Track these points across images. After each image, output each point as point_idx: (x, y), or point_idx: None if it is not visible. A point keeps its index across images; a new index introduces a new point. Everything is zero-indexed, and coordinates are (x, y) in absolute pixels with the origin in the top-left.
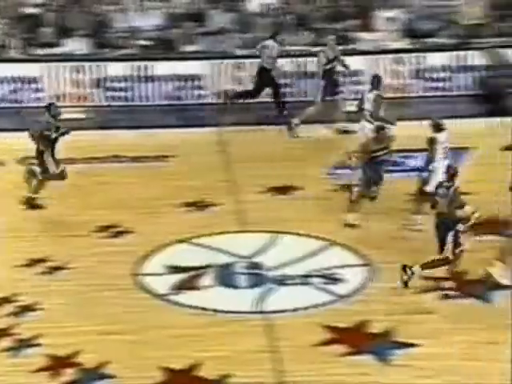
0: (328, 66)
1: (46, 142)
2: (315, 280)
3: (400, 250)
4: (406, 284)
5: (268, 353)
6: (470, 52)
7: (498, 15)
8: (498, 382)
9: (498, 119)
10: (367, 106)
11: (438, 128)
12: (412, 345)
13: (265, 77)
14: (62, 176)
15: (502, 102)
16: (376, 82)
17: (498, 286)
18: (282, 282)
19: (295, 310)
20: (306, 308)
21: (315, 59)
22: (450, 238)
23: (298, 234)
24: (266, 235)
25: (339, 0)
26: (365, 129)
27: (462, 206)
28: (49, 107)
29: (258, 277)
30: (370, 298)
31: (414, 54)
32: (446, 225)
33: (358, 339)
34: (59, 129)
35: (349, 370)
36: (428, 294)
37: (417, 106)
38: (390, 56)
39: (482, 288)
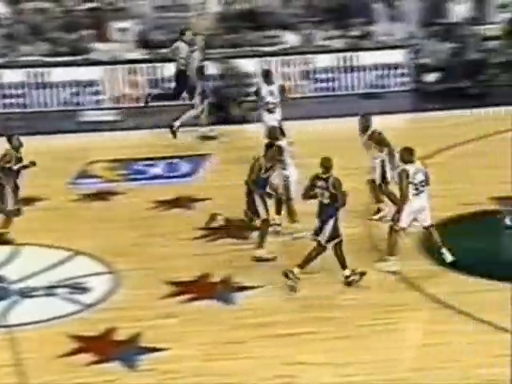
0: (200, 66)
1: (7, 175)
2: (60, 290)
3: (144, 256)
4: (293, 289)
5: (13, 366)
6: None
7: (227, 27)
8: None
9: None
10: (269, 98)
11: (276, 137)
12: (157, 349)
13: (182, 79)
14: (16, 214)
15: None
16: (268, 75)
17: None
18: (26, 294)
19: (40, 321)
20: (51, 319)
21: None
22: (328, 226)
23: (42, 245)
24: (8, 247)
25: (73, 10)
26: (267, 120)
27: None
28: (10, 138)
29: (0, 290)
30: (116, 306)
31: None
32: (327, 212)
33: (105, 347)
34: (21, 160)
35: (95, 378)
36: (172, 299)
37: (157, 116)
38: (126, 66)
39: (223, 290)
